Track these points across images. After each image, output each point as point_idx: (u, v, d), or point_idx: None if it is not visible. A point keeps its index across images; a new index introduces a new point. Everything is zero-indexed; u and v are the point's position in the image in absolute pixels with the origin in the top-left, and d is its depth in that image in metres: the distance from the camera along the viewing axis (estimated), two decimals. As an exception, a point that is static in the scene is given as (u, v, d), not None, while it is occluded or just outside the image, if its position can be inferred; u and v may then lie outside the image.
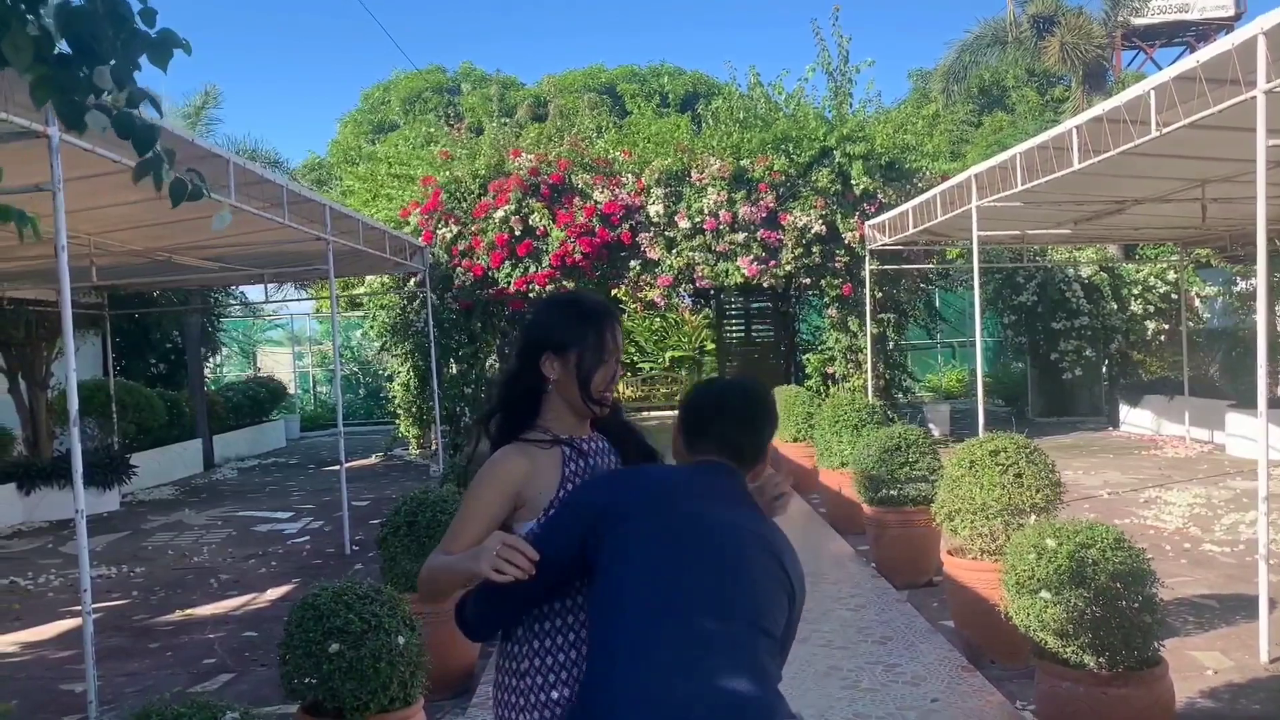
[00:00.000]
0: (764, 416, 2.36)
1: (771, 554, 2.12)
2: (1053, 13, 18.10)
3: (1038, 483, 5.35)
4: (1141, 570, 3.99)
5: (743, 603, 2.03)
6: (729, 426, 2.29)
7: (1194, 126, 6.27)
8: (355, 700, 3.79)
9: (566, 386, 2.33)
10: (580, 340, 2.32)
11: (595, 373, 2.32)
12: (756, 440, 2.32)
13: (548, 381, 2.33)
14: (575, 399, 2.33)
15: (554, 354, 2.32)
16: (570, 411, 2.35)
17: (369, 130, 30.83)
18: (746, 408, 2.34)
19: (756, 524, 2.17)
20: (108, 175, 6.20)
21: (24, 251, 9.25)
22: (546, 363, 2.33)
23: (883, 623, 6.04)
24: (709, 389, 2.48)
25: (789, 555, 2.17)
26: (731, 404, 2.34)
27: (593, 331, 2.34)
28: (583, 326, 2.35)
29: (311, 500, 12.60)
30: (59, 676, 6.10)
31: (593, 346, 2.32)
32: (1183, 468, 12.06)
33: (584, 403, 2.33)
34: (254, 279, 13.74)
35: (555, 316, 2.42)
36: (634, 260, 14.48)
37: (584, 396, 2.33)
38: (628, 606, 2.03)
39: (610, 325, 2.37)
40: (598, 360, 2.33)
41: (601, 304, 2.45)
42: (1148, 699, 3.93)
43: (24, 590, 8.47)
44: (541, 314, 2.49)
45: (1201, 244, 15.22)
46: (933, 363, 22.97)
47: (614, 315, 2.42)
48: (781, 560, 2.13)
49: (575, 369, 2.31)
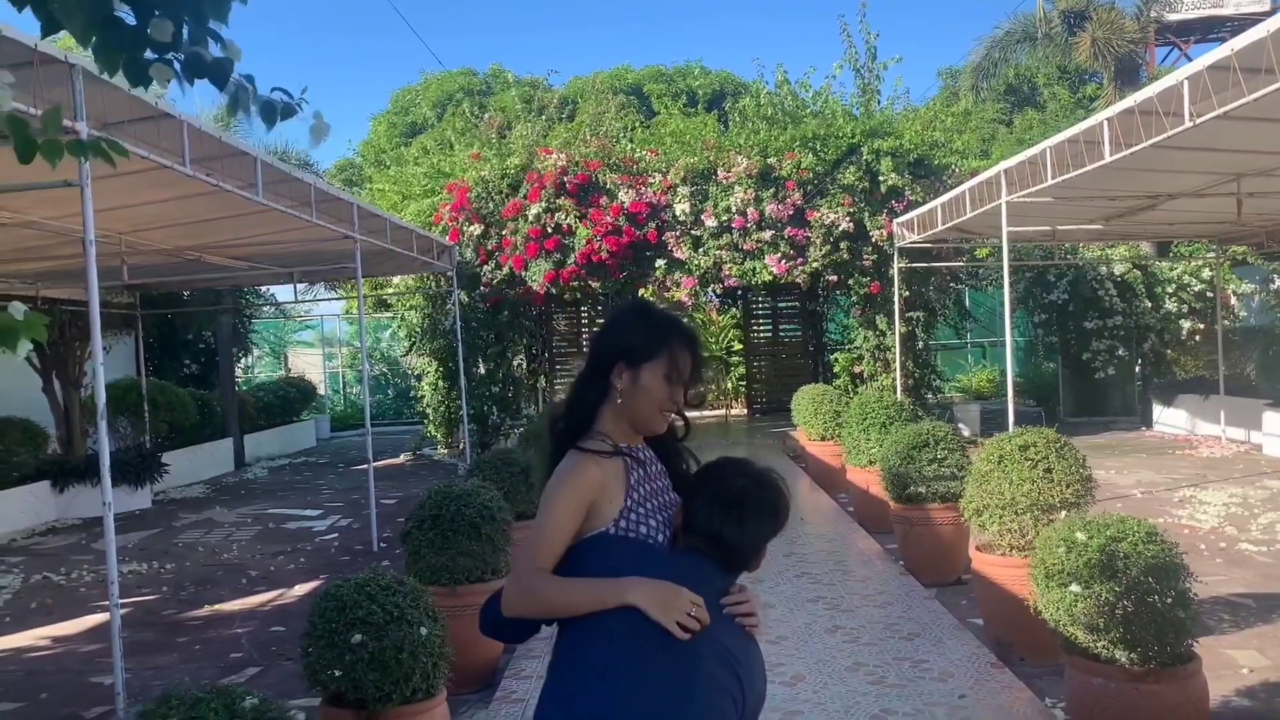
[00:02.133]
0: (755, 506, 2.21)
1: (729, 667, 2.06)
2: (1084, 8, 17.93)
3: (1068, 478, 5.27)
4: (1174, 564, 3.91)
5: (672, 713, 2.00)
6: (715, 513, 2.19)
7: (1229, 118, 6.16)
8: (378, 691, 3.79)
9: (630, 399, 2.28)
10: (659, 353, 2.27)
11: (660, 390, 2.27)
12: (742, 535, 2.19)
13: (615, 390, 2.28)
14: (637, 414, 2.29)
15: (626, 365, 2.27)
16: (629, 425, 2.31)
17: (400, 132, 31.01)
18: (735, 489, 2.22)
19: (721, 635, 2.08)
20: (140, 173, 6.25)
21: (56, 251, 9.38)
22: (616, 372, 2.28)
23: (910, 619, 5.97)
24: (706, 467, 2.34)
25: (752, 670, 2.11)
26: (717, 484, 2.24)
27: (675, 345, 2.29)
28: (667, 339, 2.29)
29: (340, 498, 12.66)
30: (89, 669, 6.16)
31: (669, 362, 2.27)
32: (1218, 467, 11.87)
33: (645, 421, 2.30)
34: (283, 278, 13.84)
35: (631, 327, 2.35)
36: (660, 259, 14.47)
37: (645, 416, 2.28)
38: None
39: (690, 344, 2.30)
40: (663, 377, 2.27)
41: (679, 322, 2.38)
42: (1180, 696, 3.85)
43: (56, 586, 8.56)
44: (618, 323, 2.41)
45: (1237, 241, 14.98)
46: (963, 363, 22.79)
47: (692, 336, 2.34)
48: (739, 675, 2.07)
49: (641, 383, 2.26)
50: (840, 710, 4.58)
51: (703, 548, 2.16)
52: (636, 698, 1.99)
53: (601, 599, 2.05)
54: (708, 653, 2.03)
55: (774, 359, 20.42)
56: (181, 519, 11.61)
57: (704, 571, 2.14)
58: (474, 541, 5.27)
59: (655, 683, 2.00)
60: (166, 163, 5.66)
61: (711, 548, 2.15)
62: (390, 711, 3.82)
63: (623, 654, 2.03)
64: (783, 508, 2.24)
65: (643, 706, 1.98)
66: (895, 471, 7.20)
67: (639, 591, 2.04)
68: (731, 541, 2.15)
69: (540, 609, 2.14)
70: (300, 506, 12.17)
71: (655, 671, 2.00)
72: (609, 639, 2.05)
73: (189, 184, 6.41)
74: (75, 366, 12.96)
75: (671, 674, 2.00)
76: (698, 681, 2.01)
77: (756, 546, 2.20)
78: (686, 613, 2.00)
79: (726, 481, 2.21)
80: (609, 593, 2.06)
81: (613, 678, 2.02)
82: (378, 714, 3.82)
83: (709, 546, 2.16)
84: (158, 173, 6.01)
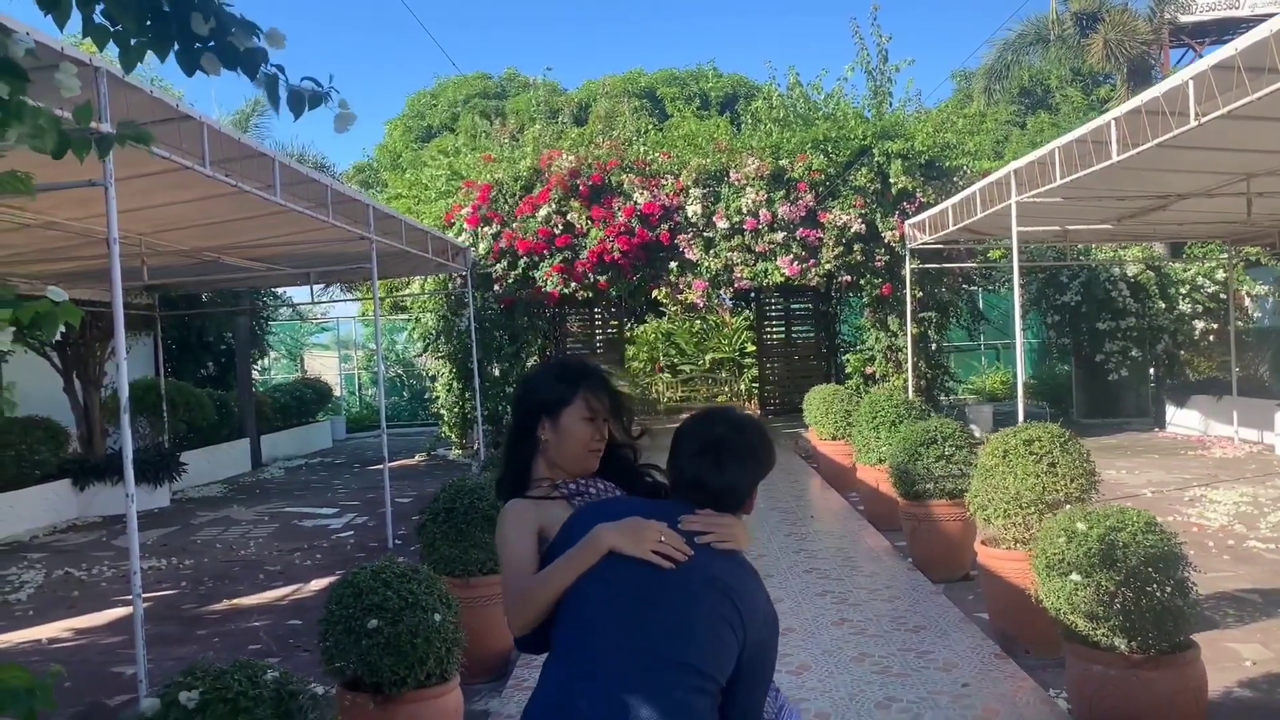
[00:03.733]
0: (733, 450, 2.25)
1: (721, 592, 2.09)
2: (1096, 10, 17.94)
3: (1072, 472, 5.34)
4: (1173, 554, 3.99)
5: (668, 641, 2.04)
6: (693, 457, 2.24)
7: (1235, 117, 6.22)
8: (393, 675, 3.90)
9: (558, 446, 2.44)
10: (572, 399, 2.44)
11: (583, 432, 2.43)
12: (722, 477, 2.23)
13: (542, 442, 2.45)
14: (567, 458, 2.45)
15: (547, 417, 2.45)
16: (565, 469, 2.46)
17: (416, 136, 31.24)
18: (713, 436, 2.26)
19: (707, 563, 2.13)
20: (160, 174, 6.39)
21: (77, 252, 9.54)
22: (541, 426, 2.45)
23: (916, 613, 6.05)
24: (690, 418, 2.39)
25: (746, 594, 2.14)
26: (697, 430, 2.29)
27: (585, 389, 2.45)
28: (575, 386, 2.46)
29: (356, 497, 12.80)
30: (111, 660, 6.29)
31: (583, 405, 2.44)
32: (1230, 467, 11.89)
33: (576, 462, 2.45)
34: (300, 279, 13.99)
35: (544, 382, 2.54)
36: (673, 260, 14.58)
37: (570, 456, 2.44)
38: (567, 628, 2.12)
39: (597, 385, 2.47)
40: (589, 420, 2.44)
41: (586, 367, 2.55)
42: (1179, 683, 3.92)
43: (78, 581, 8.71)
44: (532, 381, 2.60)
45: (1249, 241, 14.98)
46: (977, 365, 22.80)
47: (599, 378, 2.51)
48: (733, 600, 2.10)
49: (563, 429, 2.43)
50: (845, 698, 4.66)
51: (687, 495, 2.23)
52: (632, 637, 2.06)
53: (582, 559, 2.13)
54: (698, 583, 2.09)
55: (787, 360, 20.49)
56: (200, 517, 11.77)
57: (682, 510, 2.20)
58: (487, 534, 5.38)
59: (649, 621, 2.06)
60: (187, 164, 5.79)
61: (695, 494, 2.22)
62: (405, 695, 3.93)
63: (612, 599, 2.10)
64: (763, 451, 2.28)
65: (641, 644, 2.04)
66: (903, 469, 7.28)
67: (608, 535, 2.12)
68: (713, 485, 2.21)
69: (539, 606, 2.21)
70: (317, 505, 12.31)
71: (648, 609, 2.07)
72: (594, 595, 2.12)
73: (209, 185, 6.54)
74: (95, 366, 13.14)
75: (664, 609, 2.07)
76: (693, 613, 2.06)
77: (740, 490, 2.24)
78: (659, 540, 2.08)
79: (706, 429, 2.27)
80: (585, 550, 2.14)
81: (601, 626, 2.08)
82: (393, 698, 3.93)
83: (692, 493, 2.22)
84: (178, 174, 6.15)
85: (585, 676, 2.03)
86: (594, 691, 2.00)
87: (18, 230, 8.12)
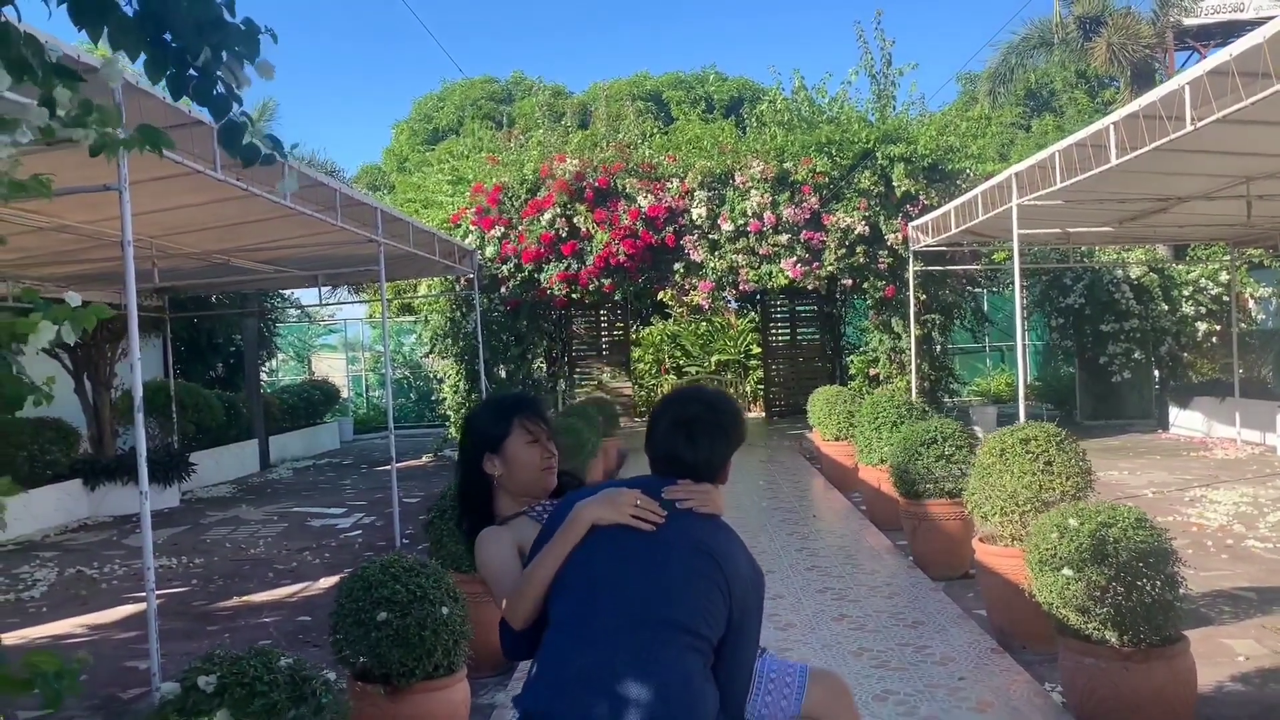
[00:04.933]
0: (705, 427, 2.36)
1: (704, 554, 2.21)
2: (1099, 13, 18.01)
3: (1067, 470, 5.43)
4: (1162, 549, 4.07)
5: (658, 602, 2.15)
6: (668, 434, 2.36)
7: (1233, 121, 6.30)
8: (402, 667, 4.00)
9: (511, 475, 2.60)
10: (509, 431, 2.60)
11: (529, 455, 2.59)
12: (695, 453, 2.34)
13: (494, 476, 2.61)
14: (522, 483, 2.60)
15: (491, 453, 2.60)
16: (524, 495, 2.61)
17: (422, 139, 31.40)
18: (687, 415, 2.37)
19: (692, 526, 2.25)
20: (172, 178, 6.51)
21: (88, 255, 9.67)
22: (488, 462, 2.60)
23: (915, 609, 6.14)
24: (665, 397, 2.52)
25: (728, 554, 2.25)
26: (673, 411, 2.40)
27: (517, 420, 2.60)
28: (509, 419, 2.61)
29: (364, 497, 12.92)
30: (124, 655, 6.40)
31: (522, 432, 2.59)
32: (1231, 468, 11.95)
33: (533, 485, 2.60)
34: (308, 282, 14.12)
35: (481, 420, 2.70)
36: (678, 263, 14.69)
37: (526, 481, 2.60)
38: (563, 598, 2.24)
39: (529, 413, 2.63)
40: (532, 443, 2.60)
41: (517, 398, 2.72)
42: (1168, 675, 4.01)
43: (90, 579, 8.83)
44: (470, 422, 2.75)
45: (1250, 243, 15.05)
46: (981, 366, 22.89)
47: (530, 404, 2.68)
48: (718, 560, 2.21)
49: (511, 459, 2.59)
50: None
51: (664, 470, 2.36)
52: (624, 600, 2.18)
53: (567, 537, 2.26)
54: (682, 547, 2.21)
55: (792, 362, 20.58)
56: (209, 516, 11.89)
57: (659, 482, 2.34)
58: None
59: (639, 584, 2.18)
60: (199, 168, 5.91)
61: (672, 467, 2.35)
62: (414, 686, 4.03)
63: (602, 566, 2.23)
64: (733, 427, 2.41)
65: (633, 605, 2.16)
66: (903, 468, 7.37)
67: (588, 510, 2.26)
68: (688, 459, 2.34)
69: (536, 591, 2.31)
70: (325, 505, 12.42)
71: (637, 574, 2.19)
72: (584, 565, 2.25)
73: (219, 188, 6.66)
74: (106, 368, 13.28)
75: (652, 572, 2.19)
76: (680, 575, 2.19)
77: (714, 463, 2.37)
78: (634, 504, 2.22)
79: (680, 407, 2.40)
80: (569, 528, 2.27)
81: (594, 593, 2.21)
82: (401, 688, 4.03)
83: (669, 466, 2.36)
84: (190, 178, 6.27)
85: (581, 639, 2.14)
86: (590, 651, 2.12)
87: (31, 233, 8.25)
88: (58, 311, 1.79)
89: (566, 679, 2.12)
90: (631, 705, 2.05)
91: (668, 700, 2.07)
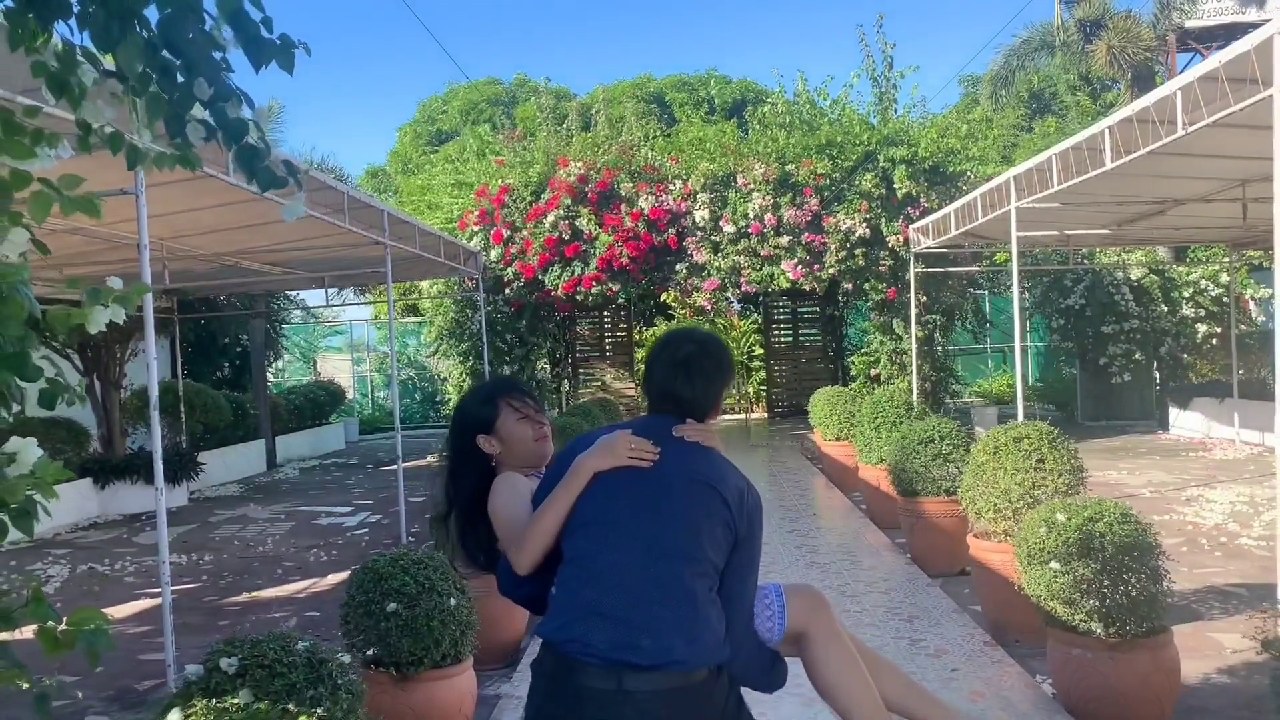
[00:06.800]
0: (700, 365, 2.51)
1: (703, 484, 2.37)
2: (1100, 16, 18.12)
3: (1060, 468, 5.56)
4: (1148, 543, 4.20)
5: (663, 532, 2.31)
6: (665, 373, 2.52)
7: (1225, 126, 6.42)
8: (411, 656, 4.14)
9: (510, 451, 2.72)
10: (497, 412, 2.73)
11: (523, 430, 2.72)
12: (692, 389, 2.49)
13: (493, 456, 2.73)
14: (520, 456, 2.72)
15: (485, 434, 2.73)
16: (522, 472, 2.72)
17: (427, 141, 31.56)
18: (682, 355, 2.52)
19: (690, 461, 2.41)
20: (185, 182, 6.65)
21: (100, 257, 9.83)
22: (485, 442, 2.72)
23: (911, 604, 6.27)
24: (659, 339, 2.68)
25: (726, 482, 2.40)
26: (668, 352, 2.55)
27: (502, 401, 2.74)
28: (494, 402, 2.75)
29: (370, 497, 13.07)
30: (138, 648, 6.54)
31: (510, 410, 2.73)
32: (1229, 469, 12.06)
33: (531, 457, 2.72)
34: (315, 283, 14.28)
35: (470, 406, 2.83)
36: (680, 264, 14.83)
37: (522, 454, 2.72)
38: (575, 537, 2.38)
39: (512, 393, 2.77)
40: (522, 419, 2.73)
41: (498, 381, 2.91)
42: (1152, 665, 4.14)
43: (102, 575, 8.98)
44: (460, 410, 2.89)
45: (1248, 245, 15.16)
46: (983, 368, 22.99)
47: (512, 384, 2.83)
48: (718, 489, 2.37)
49: (506, 437, 2.71)
50: (839, 682, 4.88)
51: (661, 407, 2.53)
52: (632, 534, 2.33)
53: (570, 488, 2.40)
54: (682, 481, 2.37)
55: (794, 363, 20.70)
56: (217, 515, 12.05)
57: (655, 421, 2.50)
58: (499, 526, 5.61)
59: (645, 518, 2.34)
60: (211, 171, 6.06)
61: (668, 404, 2.51)
62: (422, 675, 4.17)
63: (610, 507, 2.37)
64: (726, 365, 2.57)
65: (640, 537, 2.32)
66: (901, 467, 7.50)
67: (587, 461, 2.40)
68: (685, 396, 2.50)
69: (541, 538, 2.44)
70: (331, 504, 12.57)
71: (642, 509, 2.34)
72: (593, 507, 2.39)
73: (230, 191, 6.81)
74: (116, 368, 13.43)
75: (657, 506, 2.34)
76: (682, 506, 2.34)
77: (708, 399, 2.53)
78: (629, 446, 2.38)
79: (676, 348, 2.55)
80: (572, 479, 2.41)
81: (604, 530, 2.36)
82: (410, 677, 4.17)
83: (665, 404, 2.52)
84: (201, 181, 6.41)
85: (595, 572, 2.31)
86: (603, 583, 2.29)
87: (46, 235, 8.39)
88: (107, 294, 1.90)
89: (580, 608, 2.29)
90: (643, 630, 2.23)
91: (678, 624, 2.24)
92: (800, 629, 2.72)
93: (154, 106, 1.95)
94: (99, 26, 1.86)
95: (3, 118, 1.90)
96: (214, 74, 1.99)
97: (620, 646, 2.22)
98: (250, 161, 2.08)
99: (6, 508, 1.71)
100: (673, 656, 2.22)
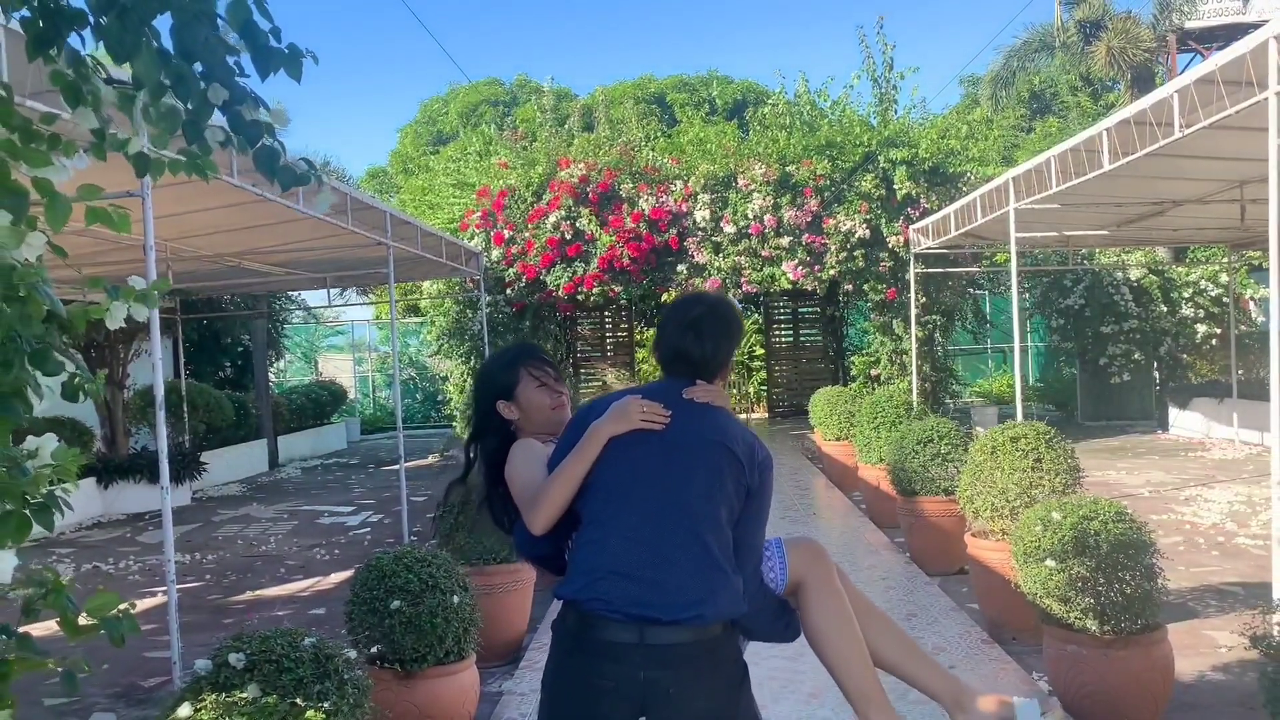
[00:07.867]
0: (711, 325, 2.59)
1: (718, 443, 2.45)
2: (1100, 17, 18.17)
3: (1056, 468, 5.61)
4: (1142, 541, 4.25)
5: (678, 488, 2.40)
6: (676, 334, 2.59)
7: (1222, 128, 6.48)
8: (414, 652, 4.20)
9: (529, 418, 2.77)
10: (518, 379, 2.77)
11: (541, 397, 2.77)
12: (703, 349, 2.57)
13: (513, 422, 2.77)
14: (539, 422, 2.77)
15: (505, 399, 2.77)
16: (539, 438, 2.76)
17: (428, 141, 31.61)
18: (693, 316, 2.60)
19: (701, 421, 2.49)
20: (189, 183, 6.70)
21: (108, 257, 9.88)
22: (505, 408, 2.77)
23: (910, 602, 6.33)
24: (671, 303, 2.76)
25: (739, 440, 2.48)
26: (679, 313, 2.63)
27: (523, 368, 2.79)
28: (515, 368, 2.79)
29: (372, 496, 13.13)
30: (143, 646, 6.59)
31: (530, 378, 2.77)
32: (1228, 468, 12.11)
33: (550, 423, 2.76)
34: (317, 283, 14.33)
35: (491, 371, 2.89)
36: (681, 265, 14.89)
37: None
38: (592, 499, 2.46)
39: (533, 360, 2.82)
40: (540, 387, 2.78)
41: (520, 347, 2.92)
42: (1146, 661, 4.19)
43: (106, 574, 9.04)
44: (482, 373, 2.95)
45: (1247, 246, 15.19)
46: (983, 368, 23.03)
47: (534, 351, 2.87)
48: (730, 447, 2.45)
49: (525, 404, 2.76)
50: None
51: (672, 367, 2.60)
52: (648, 491, 2.41)
53: (585, 454, 2.47)
54: (693, 440, 2.46)
55: (795, 363, 20.75)
56: (220, 514, 12.11)
57: (666, 385, 2.58)
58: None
59: (660, 476, 2.42)
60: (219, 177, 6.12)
61: (679, 365, 2.59)
62: (425, 671, 4.23)
63: (626, 467, 2.45)
64: (735, 325, 2.65)
65: (656, 493, 2.40)
66: (900, 466, 7.55)
67: (602, 428, 2.47)
68: (695, 356, 2.57)
69: (557, 501, 2.50)
70: (334, 503, 12.63)
71: (658, 468, 2.42)
72: (609, 469, 2.46)
73: (235, 193, 6.86)
74: (119, 368, 13.49)
75: (671, 466, 2.42)
76: (695, 463, 2.42)
77: (718, 359, 2.60)
78: (641, 410, 2.45)
79: (687, 309, 2.63)
80: (586, 445, 2.48)
81: (622, 489, 2.44)
82: (414, 673, 4.23)
83: (676, 364, 2.59)
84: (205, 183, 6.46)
85: (612, 532, 2.40)
86: (621, 542, 2.37)
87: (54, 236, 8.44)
88: (126, 292, 1.95)
89: (601, 568, 2.36)
90: (664, 588, 2.31)
91: (697, 581, 2.33)
92: (799, 580, 2.77)
93: (170, 118, 1.98)
94: (114, 37, 1.90)
95: (20, 125, 1.94)
96: (228, 78, 2.03)
97: (642, 603, 2.31)
98: (270, 162, 2.11)
99: (28, 504, 1.75)
100: (694, 611, 2.31)
